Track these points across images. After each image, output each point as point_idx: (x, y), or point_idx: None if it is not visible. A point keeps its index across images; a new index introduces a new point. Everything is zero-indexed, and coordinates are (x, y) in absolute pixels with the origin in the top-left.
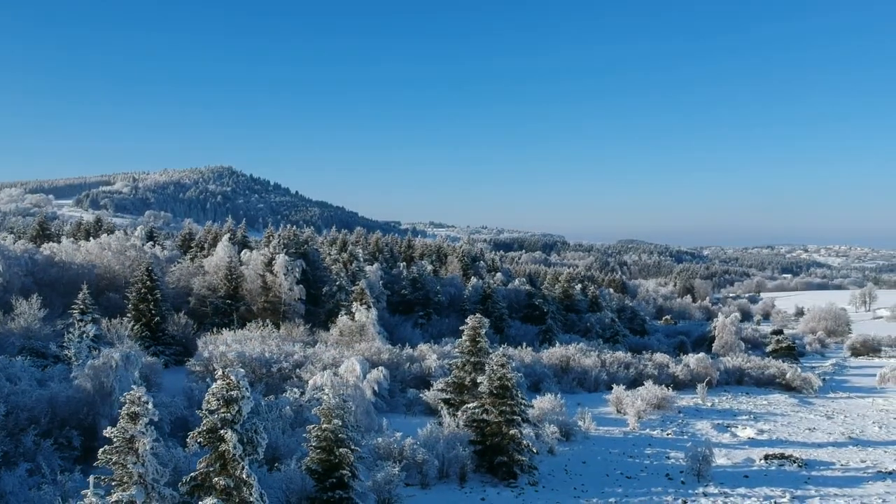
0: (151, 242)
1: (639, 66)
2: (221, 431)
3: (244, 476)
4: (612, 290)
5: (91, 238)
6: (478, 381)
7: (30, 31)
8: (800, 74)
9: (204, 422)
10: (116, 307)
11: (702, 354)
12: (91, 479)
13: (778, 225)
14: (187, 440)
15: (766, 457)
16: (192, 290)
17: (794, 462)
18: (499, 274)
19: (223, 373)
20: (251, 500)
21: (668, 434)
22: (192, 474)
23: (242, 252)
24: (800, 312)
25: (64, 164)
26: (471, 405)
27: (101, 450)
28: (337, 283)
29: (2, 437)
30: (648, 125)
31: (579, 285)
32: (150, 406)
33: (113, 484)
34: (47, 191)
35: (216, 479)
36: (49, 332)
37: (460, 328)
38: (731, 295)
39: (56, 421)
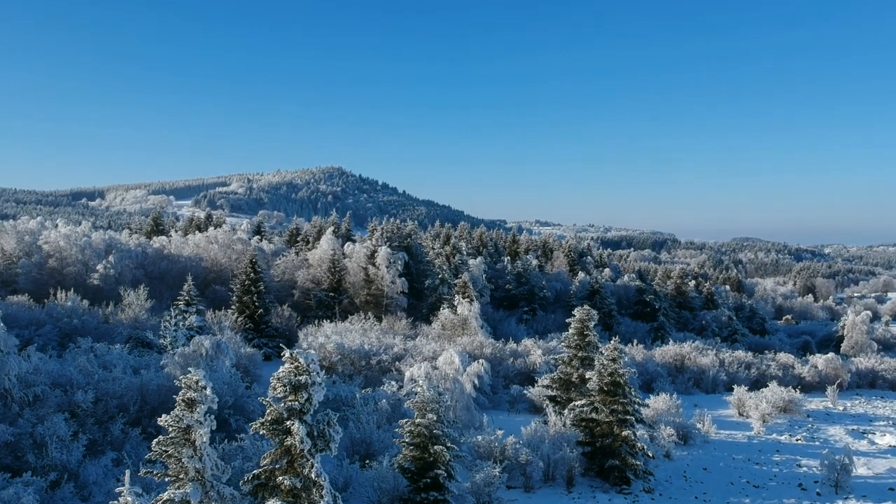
0: (259, 237)
1: (761, 57)
2: (288, 423)
3: (313, 475)
4: (727, 287)
5: (200, 232)
6: (586, 377)
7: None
8: None
9: (268, 411)
10: (222, 299)
11: (831, 355)
12: (127, 473)
13: None
14: (251, 430)
15: None
16: (296, 283)
17: None
18: (607, 269)
19: (291, 355)
20: (321, 503)
21: (797, 440)
22: (255, 472)
23: (346, 245)
24: None
25: (184, 166)
26: (578, 403)
27: (154, 440)
28: (440, 276)
29: (90, 425)
30: (761, 123)
31: (693, 282)
32: (208, 392)
33: (167, 480)
34: (168, 192)
35: (281, 477)
36: (156, 323)
37: (567, 321)
38: (856, 294)
39: (146, 409)
